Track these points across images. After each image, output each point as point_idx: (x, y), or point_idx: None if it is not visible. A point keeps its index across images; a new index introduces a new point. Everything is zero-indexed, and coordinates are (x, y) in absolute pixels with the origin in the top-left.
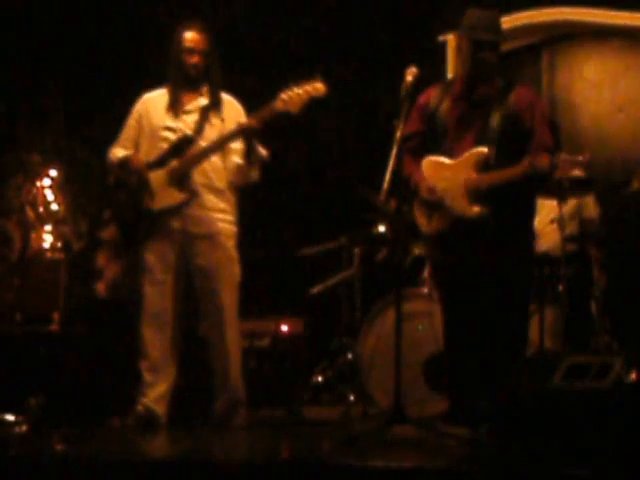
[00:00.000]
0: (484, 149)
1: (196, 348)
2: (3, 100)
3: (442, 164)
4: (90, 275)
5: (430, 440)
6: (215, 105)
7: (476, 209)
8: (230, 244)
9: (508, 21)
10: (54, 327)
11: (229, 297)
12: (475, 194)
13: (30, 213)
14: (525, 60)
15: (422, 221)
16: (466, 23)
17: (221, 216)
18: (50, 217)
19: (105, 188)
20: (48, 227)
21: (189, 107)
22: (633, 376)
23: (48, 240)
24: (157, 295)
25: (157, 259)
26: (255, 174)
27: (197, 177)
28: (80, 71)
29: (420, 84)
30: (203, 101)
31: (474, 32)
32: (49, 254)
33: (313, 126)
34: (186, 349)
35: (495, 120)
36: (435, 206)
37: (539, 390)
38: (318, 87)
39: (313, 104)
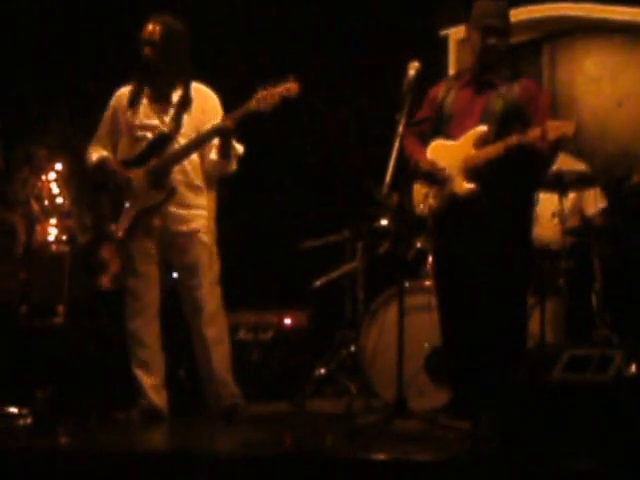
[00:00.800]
0: (484, 127)
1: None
2: (10, 95)
3: (444, 145)
4: (95, 268)
5: (432, 433)
6: (188, 99)
7: (468, 186)
8: (210, 240)
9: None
10: (59, 320)
11: (209, 293)
12: (472, 171)
13: (35, 206)
14: (526, 55)
15: (418, 200)
16: (475, 13)
17: (200, 212)
18: (55, 210)
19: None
20: (53, 220)
21: (163, 103)
22: (633, 369)
23: (53, 233)
24: (142, 288)
25: (139, 254)
26: (231, 167)
27: (176, 175)
28: (85, 66)
29: (422, 78)
30: (175, 96)
31: (483, 19)
32: (54, 247)
33: (316, 120)
34: (187, 341)
35: (497, 104)
36: (436, 181)
37: (539, 383)
38: (291, 87)
39: (315, 100)
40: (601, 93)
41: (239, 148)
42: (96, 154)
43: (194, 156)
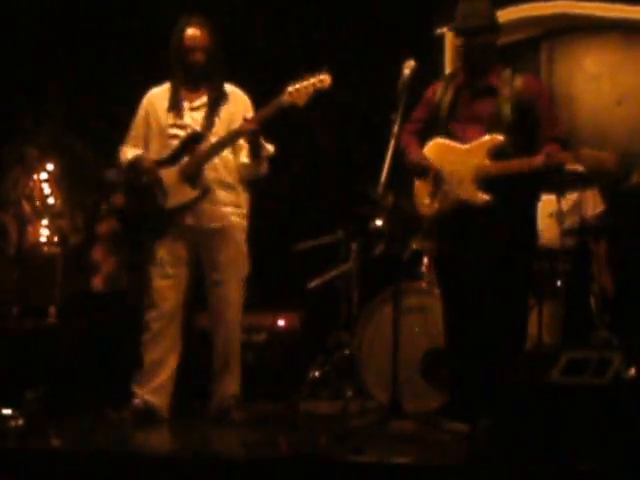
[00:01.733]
0: (500, 137)
1: (197, 339)
2: (2, 93)
3: (451, 147)
4: (86, 269)
5: (428, 435)
6: (221, 99)
7: (485, 197)
8: (241, 238)
9: (507, 14)
10: (50, 321)
11: (236, 290)
12: (484, 181)
13: (27, 207)
14: (524, 53)
15: (424, 201)
16: (457, 16)
17: (233, 210)
18: (47, 211)
19: (101, 183)
20: (45, 221)
21: (196, 103)
22: (632, 372)
23: (45, 234)
24: (169, 289)
25: (168, 254)
26: (263, 168)
27: (208, 173)
28: (79, 65)
29: (418, 77)
30: (207, 96)
31: (460, 23)
32: (46, 248)
33: (310, 120)
34: (187, 340)
35: (506, 108)
36: (423, 174)
37: (537, 385)
38: (324, 79)
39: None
40: (600, 91)
41: (269, 148)
42: (131, 152)
43: (226, 153)
